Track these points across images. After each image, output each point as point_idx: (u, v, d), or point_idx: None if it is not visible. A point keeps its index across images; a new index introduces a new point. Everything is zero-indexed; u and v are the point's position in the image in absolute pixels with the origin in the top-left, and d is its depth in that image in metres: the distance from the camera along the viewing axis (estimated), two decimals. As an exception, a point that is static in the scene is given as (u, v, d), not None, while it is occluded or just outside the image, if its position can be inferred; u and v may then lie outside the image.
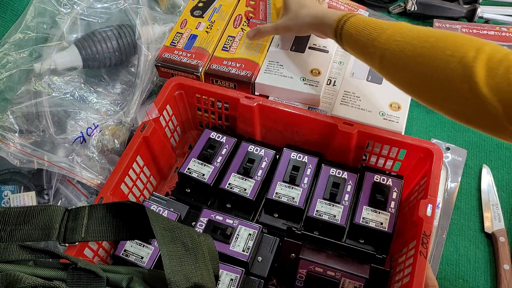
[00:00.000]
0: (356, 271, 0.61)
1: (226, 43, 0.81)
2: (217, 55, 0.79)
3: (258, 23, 0.84)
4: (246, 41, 0.81)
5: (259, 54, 0.79)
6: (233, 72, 0.77)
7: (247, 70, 0.77)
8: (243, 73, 0.76)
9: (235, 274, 0.60)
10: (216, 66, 0.78)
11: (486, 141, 0.83)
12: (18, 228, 0.47)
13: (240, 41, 0.81)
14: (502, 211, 0.75)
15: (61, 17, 0.79)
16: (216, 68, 0.77)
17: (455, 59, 0.49)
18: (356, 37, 0.60)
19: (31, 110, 0.72)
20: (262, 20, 0.85)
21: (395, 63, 0.55)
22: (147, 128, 0.69)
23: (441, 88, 0.51)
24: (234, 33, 0.83)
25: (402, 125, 0.71)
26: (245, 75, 0.76)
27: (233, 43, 0.81)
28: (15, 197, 0.71)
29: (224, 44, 0.81)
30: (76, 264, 0.44)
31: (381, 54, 0.57)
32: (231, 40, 0.81)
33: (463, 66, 0.48)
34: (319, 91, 0.74)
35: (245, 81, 0.76)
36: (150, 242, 0.64)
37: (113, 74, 0.84)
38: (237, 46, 0.80)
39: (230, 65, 0.78)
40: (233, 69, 0.77)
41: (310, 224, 0.66)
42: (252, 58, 0.78)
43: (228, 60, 0.78)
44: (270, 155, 0.72)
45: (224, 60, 0.78)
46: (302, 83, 0.75)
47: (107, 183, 0.64)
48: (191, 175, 0.70)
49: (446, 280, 0.70)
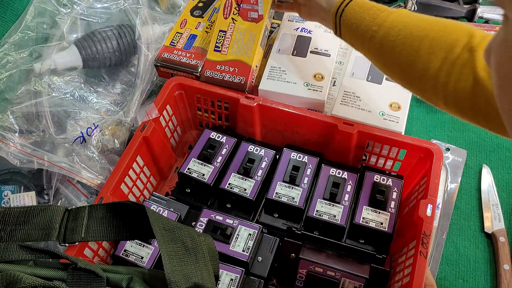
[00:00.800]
0: (356, 271, 0.61)
1: (218, 40, 0.77)
2: (210, 58, 0.77)
3: (249, 8, 0.79)
4: (237, 37, 0.77)
5: (251, 54, 0.76)
6: (227, 79, 0.74)
7: (240, 76, 0.74)
8: (236, 80, 0.74)
9: (235, 274, 0.60)
10: (210, 72, 0.75)
11: (486, 141, 0.83)
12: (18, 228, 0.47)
13: (231, 36, 0.77)
14: (502, 211, 0.75)
15: (61, 17, 0.79)
16: (211, 76, 0.75)
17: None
18: (360, 14, 0.59)
19: (31, 110, 0.72)
20: (253, 3, 0.80)
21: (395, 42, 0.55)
22: (147, 128, 0.69)
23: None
24: (225, 27, 0.78)
25: (402, 125, 0.71)
26: (239, 82, 0.74)
27: (225, 40, 0.77)
28: (15, 197, 0.71)
29: (216, 42, 0.77)
30: (76, 264, 0.44)
31: (385, 33, 0.56)
32: (222, 36, 0.78)
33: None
34: (323, 96, 0.74)
35: (238, 88, 0.74)
36: (150, 242, 0.64)
37: (113, 74, 0.84)
38: (229, 44, 0.77)
39: (223, 69, 0.75)
40: (226, 75, 0.75)
41: (310, 224, 0.66)
42: (244, 59, 0.75)
43: (221, 64, 0.75)
44: (270, 155, 0.72)
45: (217, 64, 0.76)
46: (306, 88, 0.75)
47: (107, 183, 0.64)
48: (191, 175, 0.70)
49: (446, 280, 0.70)
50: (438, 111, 0.86)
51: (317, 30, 0.83)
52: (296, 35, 0.83)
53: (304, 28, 0.84)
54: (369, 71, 0.78)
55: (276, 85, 0.76)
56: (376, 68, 0.62)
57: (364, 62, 0.79)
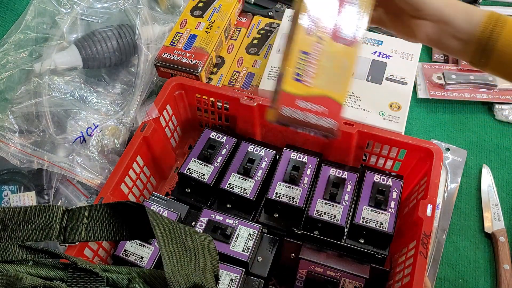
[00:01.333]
0: (356, 271, 0.61)
1: (298, 65, 0.53)
2: (288, 89, 0.53)
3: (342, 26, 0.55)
4: (326, 63, 0.54)
5: (342, 88, 0.55)
6: (314, 122, 0.55)
7: (330, 117, 0.55)
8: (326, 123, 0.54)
9: (235, 274, 0.60)
10: (289, 110, 0.54)
11: (486, 141, 0.83)
12: (18, 228, 0.47)
13: (318, 62, 0.54)
14: (502, 211, 0.75)
15: (61, 17, 0.79)
16: (291, 116, 0.54)
17: None
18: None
19: (31, 110, 0.72)
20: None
21: None
22: (147, 128, 0.69)
23: None
24: (308, 47, 0.53)
25: (402, 125, 0.71)
26: (328, 127, 0.55)
27: (308, 67, 0.53)
28: (15, 197, 0.71)
29: (297, 68, 0.53)
30: (76, 264, 0.44)
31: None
32: (305, 60, 0.54)
33: None
34: None
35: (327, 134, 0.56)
36: (150, 242, 0.64)
37: (113, 74, 0.84)
38: (315, 72, 0.54)
39: (307, 107, 0.54)
40: (313, 118, 0.54)
41: (310, 224, 0.66)
42: (334, 95, 0.55)
43: (304, 100, 0.54)
44: (270, 155, 0.72)
45: (299, 99, 0.54)
46: None
47: (107, 183, 0.64)
48: (191, 175, 0.70)
49: (446, 280, 0.70)
50: (438, 111, 0.87)
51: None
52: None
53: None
54: (369, 71, 0.78)
55: None
56: (376, 68, 0.61)
57: (364, 62, 0.79)
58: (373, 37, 0.83)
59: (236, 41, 0.90)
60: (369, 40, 0.83)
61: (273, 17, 0.94)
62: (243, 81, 0.83)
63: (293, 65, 0.54)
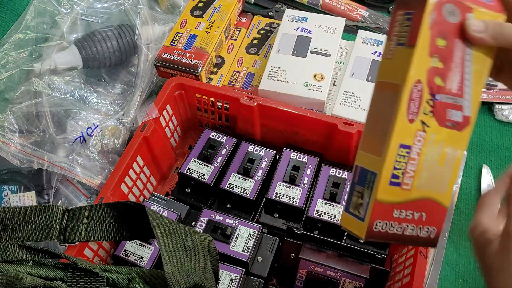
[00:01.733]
0: (356, 271, 0.61)
1: (397, 164, 0.40)
2: (383, 198, 0.40)
3: (449, 103, 0.41)
4: (429, 156, 0.41)
5: (448, 187, 0.42)
6: (408, 234, 0.42)
7: (429, 225, 0.42)
8: (423, 232, 0.42)
9: (235, 274, 0.60)
10: (382, 224, 0.41)
11: (486, 141, 0.83)
12: (18, 228, 0.47)
13: (420, 157, 0.40)
14: (502, 211, 0.75)
15: (61, 17, 0.79)
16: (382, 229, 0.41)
17: None
18: None
19: (31, 110, 0.72)
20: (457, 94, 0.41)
21: None
22: (147, 128, 0.69)
23: None
24: (409, 138, 0.40)
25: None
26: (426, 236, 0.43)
27: (409, 165, 0.40)
28: (15, 197, 0.71)
29: (395, 169, 0.40)
30: (76, 264, 0.44)
31: None
32: (405, 157, 0.40)
33: None
34: (323, 96, 0.74)
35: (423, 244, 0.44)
36: (150, 242, 0.64)
37: (113, 74, 0.84)
38: (415, 171, 0.41)
39: (403, 217, 0.41)
40: (407, 226, 0.42)
41: (310, 224, 0.66)
42: (439, 197, 0.42)
43: (401, 208, 0.41)
44: (270, 155, 0.72)
45: (396, 208, 0.41)
46: (306, 88, 0.75)
47: (107, 183, 0.64)
48: (191, 175, 0.70)
49: (446, 281, 0.70)
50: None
51: (317, 30, 0.83)
52: (296, 35, 0.83)
53: (304, 28, 0.84)
54: (369, 71, 0.78)
55: (276, 85, 0.76)
56: (376, 68, 0.62)
57: (364, 62, 0.79)
58: (373, 37, 0.83)
59: (236, 41, 0.90)
60: (369, 40, 0.83)
61: (273, 17, 0.94)
62: (243, 81, 0.83)
63: (390, 166, 0.40)
